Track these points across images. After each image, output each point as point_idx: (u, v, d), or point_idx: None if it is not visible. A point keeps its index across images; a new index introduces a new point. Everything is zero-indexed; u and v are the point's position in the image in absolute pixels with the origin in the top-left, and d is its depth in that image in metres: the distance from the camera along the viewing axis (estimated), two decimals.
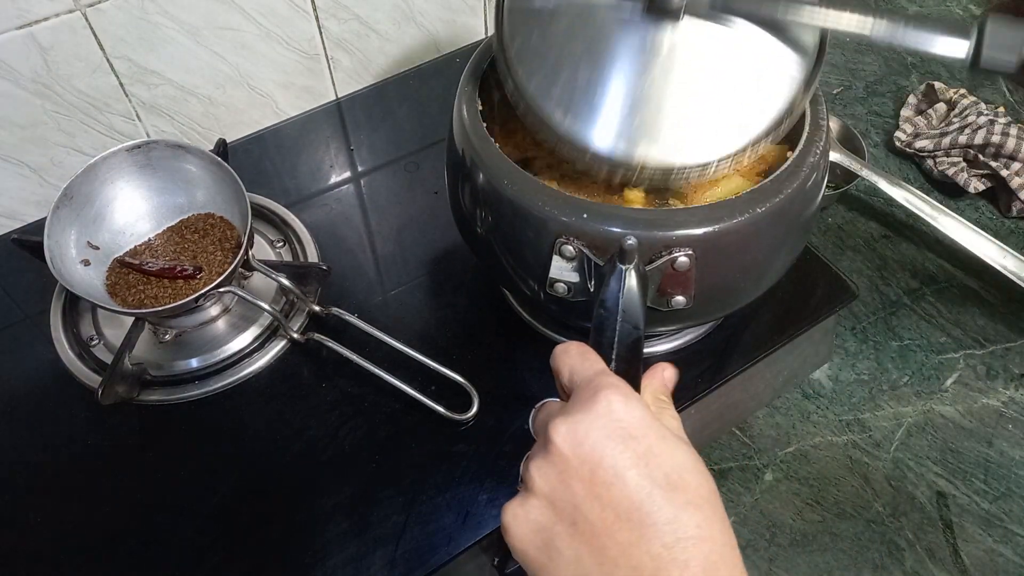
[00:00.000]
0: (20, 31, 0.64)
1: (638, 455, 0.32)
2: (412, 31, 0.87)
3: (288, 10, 0.76)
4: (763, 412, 0.74)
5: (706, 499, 0.32)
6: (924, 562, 0.65)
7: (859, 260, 0.79)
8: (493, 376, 0.62)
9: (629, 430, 0.33)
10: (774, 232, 0.50)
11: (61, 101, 0.70)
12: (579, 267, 0.48)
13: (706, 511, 0.32)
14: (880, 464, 0.70)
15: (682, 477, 0.32)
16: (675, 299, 0.49)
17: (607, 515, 0.31)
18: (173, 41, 0.72)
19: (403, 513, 0.56)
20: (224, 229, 0.68)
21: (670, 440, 0.33)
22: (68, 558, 0.55)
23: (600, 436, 0.32)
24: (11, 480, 0.59)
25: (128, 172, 0.66)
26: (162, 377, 0.63)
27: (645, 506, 0.31)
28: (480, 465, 0.58)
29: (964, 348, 0.73)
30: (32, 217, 0.76)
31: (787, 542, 0.68)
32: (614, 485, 0.31)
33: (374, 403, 0.61)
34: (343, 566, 0.54)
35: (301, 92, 0.84)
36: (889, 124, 0.89)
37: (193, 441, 0.61)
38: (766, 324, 0.66)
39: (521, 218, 0.49)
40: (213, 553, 0.55)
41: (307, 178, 0.79)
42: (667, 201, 0.53)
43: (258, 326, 0.66)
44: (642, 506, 0.31)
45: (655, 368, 0.40)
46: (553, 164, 0.55)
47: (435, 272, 0.71)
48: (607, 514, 0.31)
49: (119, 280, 0.64)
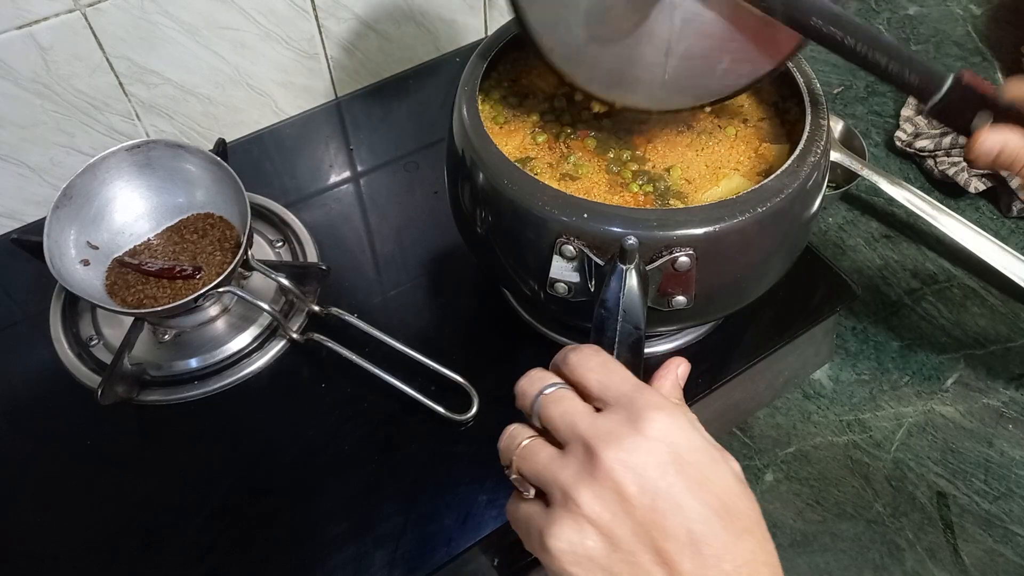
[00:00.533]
0: (20, 31, 0.64)
1: (695, 482, 0.32)
2: (412, 31, 0.87)
3: (288, 9, 0.76)
4: (763, 412, 0.74)
5: (756, 523, 0.32)
6: (924, 562, 0.65)
7: (860, 260, 0.79)
8: (493, 376, 0.62)
9: (683, 455, 0.32)
10: (775, 232, 0.50)
11: (61, 101, 0.70)
12: (579, 267, 0.48)
13: (757, 536, 0.32)
14: (880, 464, 0.70)
15: (734, 503, 0.32)
16: (676, 299, 0.49)
17: (669, 546, 0.31)
18: (173, 41, 0.72)
19: (403, 513, 0.56)
20: (223, 229, 0.67)
21: (719, 463, 0.33)
22: (68, 558, 0.55)
23: (657, 463, 0.32)
24: (11, 480, 0.59)
25: (127, 172, 0.66)
26: (161, 377, 0.63)
27: (705, 535, 0.31)
28: (480, 465, 0.58)
29: (964, 348, 0.73)
30: (32, 217, 0.76)
31: (787, 542, 0.68)
32: (674, 515, 0.31)
33: (374, 403, 0.61)
34: (343, 566, 0.54)
35: (301, 92, 0.84)
36: (890, 124, 0.89)
37: (193, 441, 0.61)
38: (766, 324, 0.66)
39: (521, 218, 0.49)
40: (213, 553, 0.55)
41: (306, 178, 0.79)
42: (668, 201, 0.52)
43: (257, 326, 0.66)
44: (703, 536, 0.31)
45: (669, 365, 0.39)
46: (553, 164, 0.55)
47: (435, 272, 0.70)
48: (669, 545, 0.31)
49: (118, 280, 0.64)
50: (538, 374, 0.37)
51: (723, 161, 0.55)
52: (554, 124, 0.57)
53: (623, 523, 0.31)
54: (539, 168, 0.55)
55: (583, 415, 0.34)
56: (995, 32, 0.99)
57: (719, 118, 0.57)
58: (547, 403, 0.35)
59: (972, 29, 1.01)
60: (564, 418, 0.34)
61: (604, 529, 0.31)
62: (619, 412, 0.34)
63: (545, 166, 0.55)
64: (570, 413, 0.34)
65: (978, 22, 1.01)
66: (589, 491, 0.32)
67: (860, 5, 1.04)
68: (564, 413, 0.34)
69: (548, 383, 0.36)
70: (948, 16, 1.02)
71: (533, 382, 0.37)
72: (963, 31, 1.00)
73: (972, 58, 0.96)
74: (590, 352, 0.37)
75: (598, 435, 0.33)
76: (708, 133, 0.57)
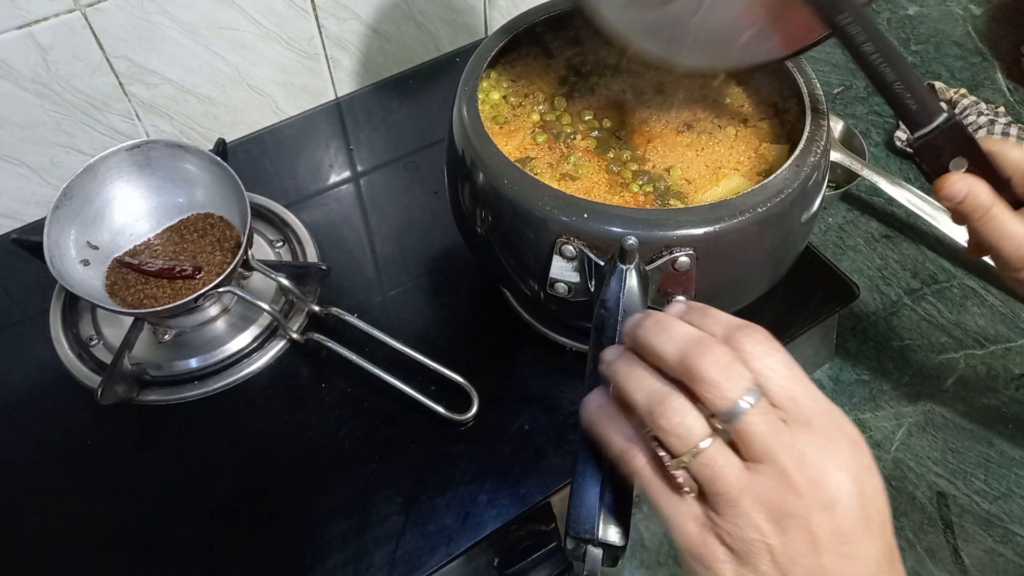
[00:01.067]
0: (20, 31, 0.64)
1: (876, 525, 0.32)
2: (412, 31, 0.87)
3: (288, 9, 0.76)
4: None
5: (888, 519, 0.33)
6: (924, 562, 0.65)
7: (860, 260, 0.79)
8: (493, 376, 0.62)
9: (867, 496, 0.32)
10: (775, 232, 0.50)
11: (61, 101, 0.70)
12: (580, 267, 0.48)
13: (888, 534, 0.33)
14: (880, 464, 0.69)
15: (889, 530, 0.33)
16: (676, 299, 0.49)
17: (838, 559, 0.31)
18: (173, 41, 0.72)
19: (403, 513, 0.56)
20: (223, 229, 0.67)
21: (884, 494, 0.33)
22: (68, 558, 0.55)
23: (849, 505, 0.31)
24: (11, 480, 0.59)
25: (127, 172, 0.66)
26: (161, 377, 0.63)
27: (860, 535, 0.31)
28: (480, 465, 0.58)
29: (964, 348, 0.73)
30: (32, 217, 0.76)
31: None
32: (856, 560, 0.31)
33: (374, 403, 0.61)
34: (343, 566, 0.54)
35: (300, 92, 0.84)
36: (890, 124, 0.89)
37: (193, 441, 0.61)
38: (766, 324, 0.65)
39: (521, 218, 0.49)
40: (213, 553, 0.55)
41: (306, 178, 0.79)
42: (668, 201, 0.53)
43: (257, 326, 0.66)
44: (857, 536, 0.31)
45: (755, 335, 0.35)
46: (553, 164, 0.55)
47: (435, 272, 0.70)
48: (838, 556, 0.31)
49: (118, 280, 0.64)
50: (735, 367, 0.32)
51: (723, 161, 0.55)
52: (554, 124, 0.57)
53: (805, 564, 0.31)
54: (539, 168, 0.55)
55: (786, 440, 0.31)
56: (995, 32, 0.99)
57: (719, 118, 0.57)
58: (753, 418, 0.31)
59: (972, 29, 1.01)
60: (765, 441, 0.31)
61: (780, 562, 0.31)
62: (815, 435, 0.32)
63: (545, 166, 0.55)
64: (775, 435, 0.31)
65: (978, 22, 1.01)
66: (781, 537, 0.31)
67: None
68: (768, 435, 0.31)
69: (748, 387, 0.32)
70: (948, 16, 1.02)
71: (733, 378, 0.32)
72: (963, 31, 1.00)
73: (972, 58, 0.96)
74: (787, 360, 0.34)
75: (802, 467, 0.31)
76: (708, 133, 0.57)
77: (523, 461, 0.58)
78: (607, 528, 0.36)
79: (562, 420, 0.60)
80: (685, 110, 0.58)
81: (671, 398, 0.32)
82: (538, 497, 0.56)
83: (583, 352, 0.60)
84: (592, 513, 0.36)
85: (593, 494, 0.37)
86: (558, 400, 0.61)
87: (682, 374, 0.32)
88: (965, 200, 0.46)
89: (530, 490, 0.57)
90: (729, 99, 0.59)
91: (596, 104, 0.59)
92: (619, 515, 0.36)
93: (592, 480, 0.37)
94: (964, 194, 0.46)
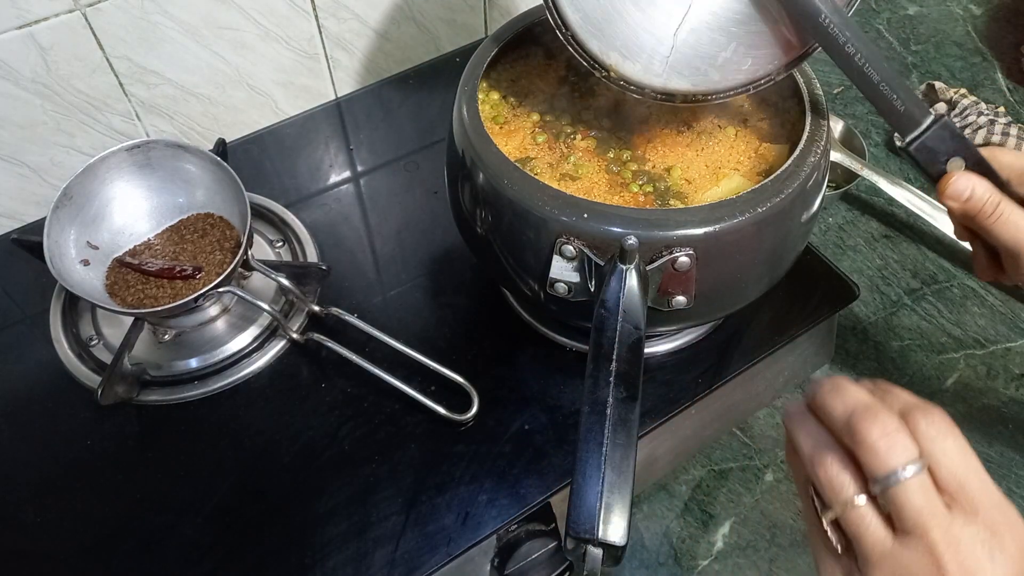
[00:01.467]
0: (20, 31, 0.64)
1: None
2: (412, 31, 0.87)
3: (287, 9, 0.76)
4: (764, 412, 0.74)
5: None
6: None
7: (860, 260, 0.79)
8: (493, 376, 0.62)
9: None
10: (775, 232, 0.50)
11: (61, 101, 0.70)
12: (580, 267, 0.48)
13: None
14: None
15: None
16: (676, 299, 0.49)
17: None
18: (172, 41, 0.72)
19: (403, 513, 0.56)
20: (223, 229, 0.67)
21: None
22: (68, 558, 0.55)
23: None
24: (11, 480, 0.59)
25: (127, 172, 0.66)
26: (161, 377, 0.63)
27: None
28: (480, 465, 0.58)
29: (964, 348, 0.73)
30: (32, 217, 0.76)
31: (788, 542, 0.68)
32: None
33: (374, 403, 0.61)
34: (343, 566, 0.54)
35: (300, 92, 0.84)
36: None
37: (193, 441, 0.61)
38: (766, 324, 0.66)
39: (521, 218, 0.49)
40: (213, 553, 0.55)
41: (306, 178, 0.79)
42: (668, 201, 0.52)
43: (257, 326, 0.66)
44: None
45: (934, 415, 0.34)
46: (553, 164, 0.55)
47: (435, 272, 0.70)
48: None
49: (118, 280, 0.64)
50: (898, 436, 0.32)
51: (723, 161, 0.55)
52: (554, 124, 0.57)
53: None
54: (539, 168, 0.55)
55: (942, 522, 0.31)
56: (995, 32, 0.99)
57: (719, 118, 0.57)
58: (909, 488, 0.31)
59: (972, 29, 1.01)
60: (918, 515, 0.31)
61: None
62: (978, 525, 0.31)
63: (545, 166, 0.55)
64: (930, 512, 0.31)
65: (978, 22, 1.01)
66: None
67: (860, 5, 1.04)
68: (923, 508, 0.31)
69: (910, 459, 0.32)
70: (948, 16, 1.02)
71: (895, 447, 0.32)
72: (963, 31, 1.00)
73: (972, 58, 0.96)
74: (963, 447, 0.33)
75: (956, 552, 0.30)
76: (708, 133, 0.57)
77: (523, 461, 0.58)
78: (607, 528, 0.36)
79: (562, 420, 0.60)
80: (685, 110, 0.58)
81: (832, 452, 0.33)
82: (538, 497, 0.56)
83: (583, 352, 0.60)
84: (592, 513, 0.36)
85: (593, 494, 0.37)
86: (558, 400, 0.61)
87: (846, 435, 0.33)
88: (971, 199, 0.46)
89: (530, 490, 0.57)
90: None
91: (596, 104, 0.59)
92: (619, 515, 0.36)
93: (592, 480, 0.37)
94: (968, 191, 0.45)
